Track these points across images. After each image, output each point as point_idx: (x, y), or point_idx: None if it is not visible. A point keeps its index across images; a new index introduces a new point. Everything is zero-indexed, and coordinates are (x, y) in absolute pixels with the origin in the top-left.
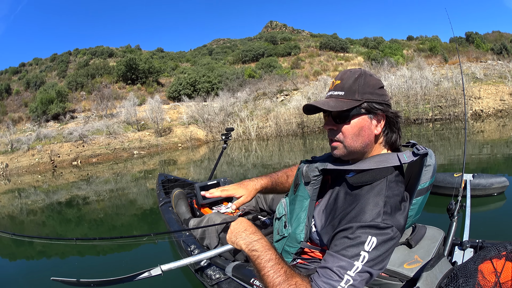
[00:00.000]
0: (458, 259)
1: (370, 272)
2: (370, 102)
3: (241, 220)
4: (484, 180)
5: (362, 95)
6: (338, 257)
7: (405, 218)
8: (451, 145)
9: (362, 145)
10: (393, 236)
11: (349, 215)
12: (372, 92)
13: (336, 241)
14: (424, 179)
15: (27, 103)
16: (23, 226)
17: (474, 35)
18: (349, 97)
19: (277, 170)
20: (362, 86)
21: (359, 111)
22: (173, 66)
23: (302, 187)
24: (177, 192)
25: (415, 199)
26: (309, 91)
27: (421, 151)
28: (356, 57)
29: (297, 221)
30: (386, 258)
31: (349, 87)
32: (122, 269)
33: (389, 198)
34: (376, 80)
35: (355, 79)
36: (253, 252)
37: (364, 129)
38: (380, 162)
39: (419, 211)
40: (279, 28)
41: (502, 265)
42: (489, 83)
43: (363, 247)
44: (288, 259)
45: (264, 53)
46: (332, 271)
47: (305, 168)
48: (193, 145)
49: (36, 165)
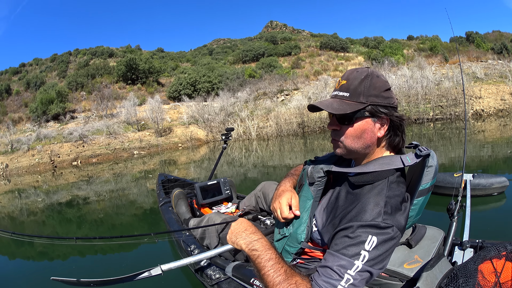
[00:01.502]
0: (458, 259)
1: (370, 272)
2: (375, 105)
3: (241, 221)
4: (484, 180)
5: (367, 98)
6: (339, 256)
7: (405, 219)
8: (452, 145)
9: (363, 146)
10: (393, 236)
11: (350, 214)
12: (378, 95)
13: (337, 240)
14: (426, 180)
15: (27, 103)
16: (23, 226)
17: (474, 34)
18: (354, 99)
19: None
20: (368, 88)
21: (363, 114)
22: (173, 66)
23: (306, 187)
24: (177, 192)
25: (416, 199)
26: (310, 91)
27: (423, 152)
28: (357, 56)
29: (299, 221)
30: (386, 257)
31: (354, 88)
32: (122, 269)
33: (390, 198)
34: (383, 81)
35: (361, 81)
36: (253, 251)
37: (366, 131)
38: (384, 164)
39: (420, 212)
40: (279, 28)
41: (502, 265)
42: (489, 82)
43: (364, 246)
44: (288, 259)
45: (265, 53)
46: (332, 270)
47: (310, 169)
48: (193, 145)
49: (36, 166)
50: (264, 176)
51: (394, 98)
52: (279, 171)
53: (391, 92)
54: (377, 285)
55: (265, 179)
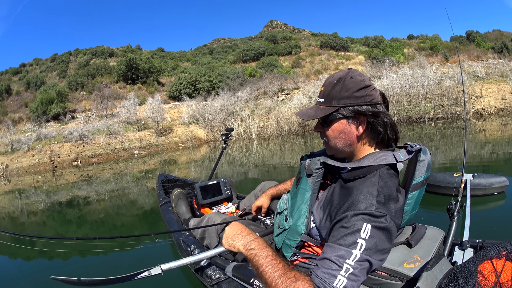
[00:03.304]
0: (458, 259)
1: (370, 261)
2: (346, 106)
3: (235, 224)
4: (484, 179)
5: (339, 101)
6: (336, 247)
7: (399, 210)
8: (453, 144)
9: (344, 145)
10: (387, 226)
11: (344, 206)
12: (349, 96)
13: (333, 232)
14: (419, 173)
15: (27, 103)
16: (23, 227)
17: (474, 33)
18: (327, 104)
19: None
20: (339, 91)
21: (335, 116)
22: (173, 66)
23: (304, 179)
24: (177, 192)
25: (410, 193)
26: (310, 90)
27: (414, 148)
28: (357, 56)
29: (298, 213)
30: (384, 248)
31: (327, 94)
32: (122, 268)
33: (382, 188)
34: (356, 82)
35: (333, 86)
36: (250, 251)
37: (344, 132)
38: (377, 159)
39: (416, 206)
40: (279, 27)
41: (502, 265)
42: (490, 81)
43: (359, 234)
44: (288, 253)
45: (265, 52)
46: (330, 261)
47: (307, 161)
48: (193, 144)
49: (36, 166)
50: (264, 175)
51: (371, 95)
52: (280, 171)
53: (367, 90)
54: (377, 285)
55: (266, 178)
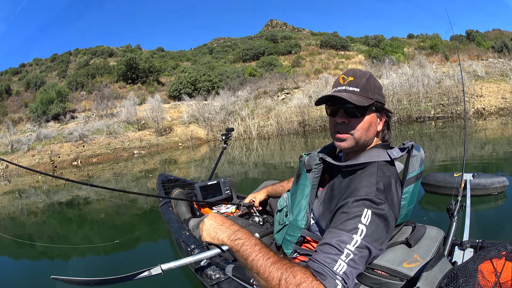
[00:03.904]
0: (458, 259)
1: (369, 248)
2: (379, 102)
3: (215, 215)
4: (484, 179)
5: (374, 95)
6: (337, 232)
7: (397, 201)
8: (453, 143)
9: (367, 139)
10: (386, 214)
11: (345, 194)
12: (379, 93)
13: (335, 218)
14: (412, 168)
15: (27, 103)
16: (24, 227)
17: (474, 33)
18: (364, 94)
19: (279, 169)
20: (373, 86)
21: (371, 108)
22: (173, 65)
23: (304, 175)
24: (177, 192)
25: (405, 188)
26: (310, 89)
27: (406, 145)
28: (357, 55)
29: (298, 208)
30: (384, 237)
31: (363, 85)
32: (122, 268)
33: (381, 177)
34: (379, 83)
35: (367, 79)
36: (236, 241)
37: (372, 125)
38: (372, 156)
39: (412, 201)
40: (279, 26)
41: (502, 265)
42: (490, 81)
43: (360, 219)
44: (289, 249)
45: (265, 51)
46: (331, 246)
47: (307, 158)
48: (193, 144)
49: (36, 166)
50: (264, 175)
51: (384, 97)
52: (280, 170)
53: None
54: (377, 285)
55: (266, 178)
